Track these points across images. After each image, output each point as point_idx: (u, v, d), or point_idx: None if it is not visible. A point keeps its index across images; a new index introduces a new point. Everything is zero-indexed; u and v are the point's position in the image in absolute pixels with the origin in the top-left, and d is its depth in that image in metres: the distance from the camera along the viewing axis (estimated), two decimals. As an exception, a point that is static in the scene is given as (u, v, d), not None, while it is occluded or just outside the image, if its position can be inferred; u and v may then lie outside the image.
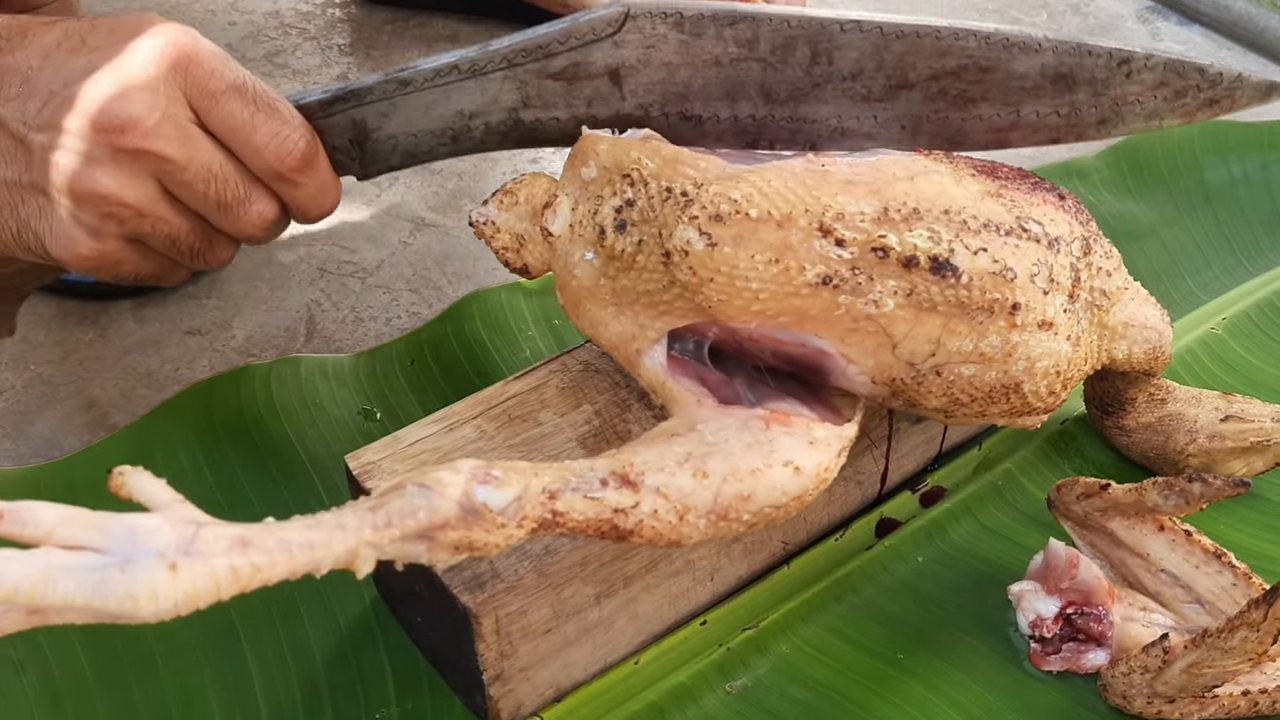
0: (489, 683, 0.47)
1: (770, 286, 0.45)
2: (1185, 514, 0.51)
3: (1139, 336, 0.54)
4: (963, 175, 0.48)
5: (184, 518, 0.35)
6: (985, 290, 0.46)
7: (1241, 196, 0.85)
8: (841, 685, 0.52)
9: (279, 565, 0.35)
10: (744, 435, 0.45)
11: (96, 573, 0.33)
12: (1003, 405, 0.50)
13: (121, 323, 0.72)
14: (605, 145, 0.48)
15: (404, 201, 0.83)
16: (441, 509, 0.38)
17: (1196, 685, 0.48)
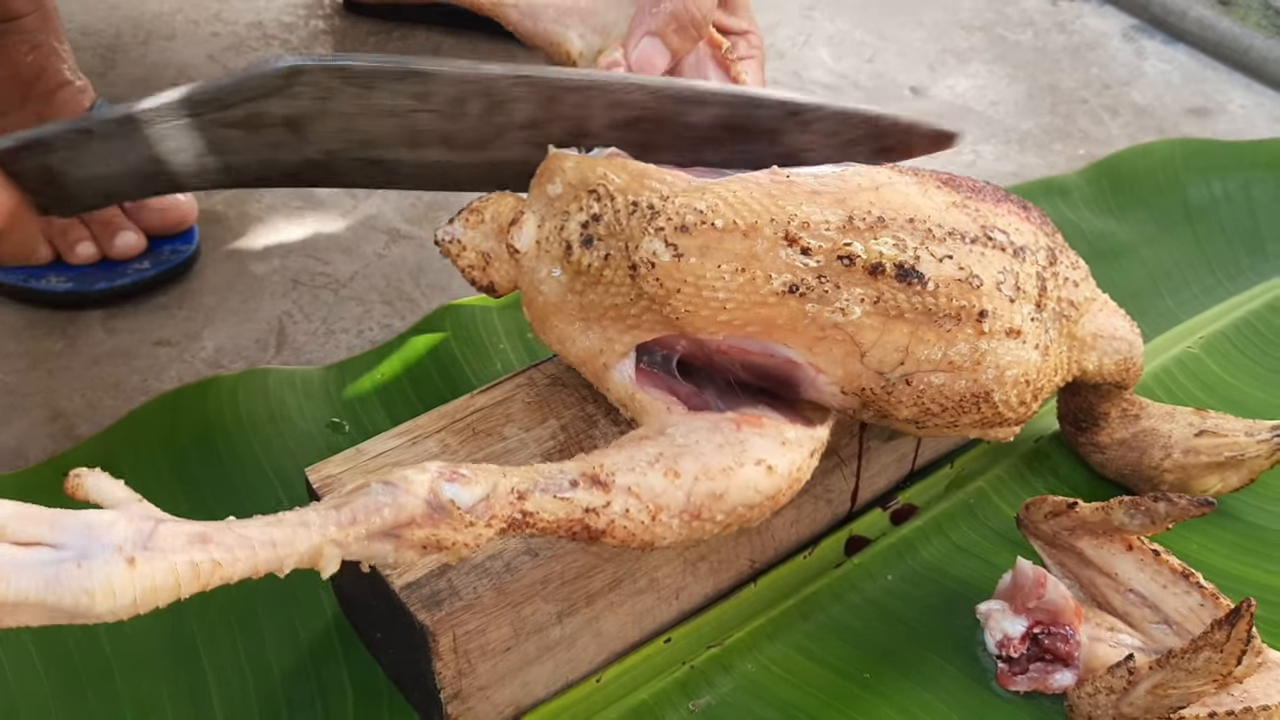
0: (446, 701, 0.46)
1: (737, 296, 0.45)
2: (1152, 533, 0.51)
3: (1109, 347, 0.54)
4: (928, 186, 0.48)
5: (142, 514, 0.34)
6: (952, 297, 0.46)
7: (1223, 216, 0.85)
8: (807, 704, 0.52)
9: (241, 562, 0.35)
10: (715, 436, 0.44)
11: (51, 568, 0.32)
12: (974, 415, 0.49)
13: (91, 333, 0.72)
14: (571, 163, 0.48)
15: (380, 213, 0.83)
16: (408, 506, 0.37)
17: (1162, 707, 0.48)
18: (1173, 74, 1.06)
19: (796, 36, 1.08)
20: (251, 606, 0.55)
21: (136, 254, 0.74)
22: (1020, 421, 0.51)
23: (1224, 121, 1.00)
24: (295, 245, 0.79)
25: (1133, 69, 1.07)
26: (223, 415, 0.63)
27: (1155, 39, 1.12)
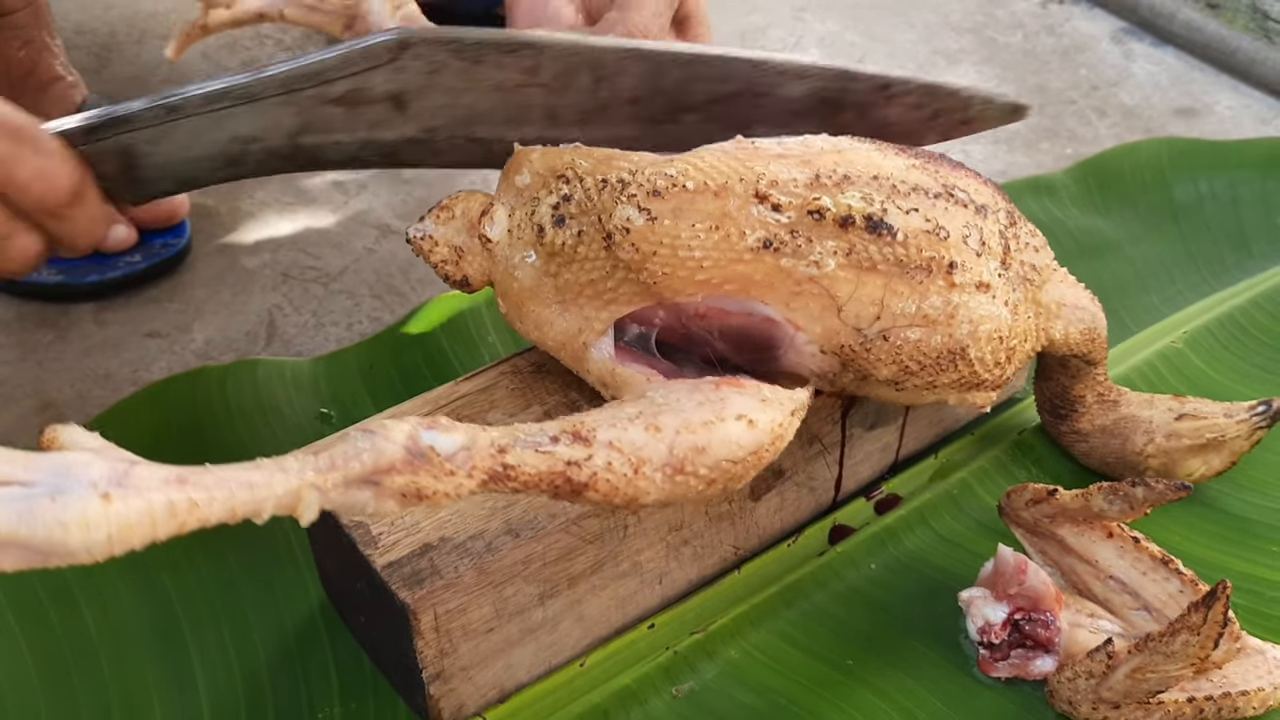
0: (429, 681, 0.47)
1: (713, 254, 0.46)
2: (1130, 519, 0.51)
3: (1073, 316, 0.56)
4: (888, 152, 0.50)
5: (118, 456, 0.34)
6: (921, 249, 0.47)
7: (1208, 214, 0.85)
8: (790, 690, 0.52)
9: (217, 503, 0.34)
10: (695, 395, 0.44)
11: (24, 502, 0.31)
12: (951, 374, 0.50)
13: (81, 325, 0.72)
14: (538, 154, 0.49)
15: (370, 208, 0.83)
16: (387, 451, 0.37)
17: (1141, 690, 0.48)
18: (1160, 75, 1.07)
19: (787, 38, 1.09)
20: (237, 593, 0.55)
21: (127, 247, 0.75)
22: (997, 385, 0.52)
23: (1211, 122, 1.01)
24: (285, 240, 0.80)
25: (1121, 70, 1.08)
26: (212, 405, 0.64)
27: (1144, 41, 1.13)
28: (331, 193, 0.84)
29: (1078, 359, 0.59)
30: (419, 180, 0.86)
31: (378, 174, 0.86)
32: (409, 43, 0.46)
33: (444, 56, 0.47)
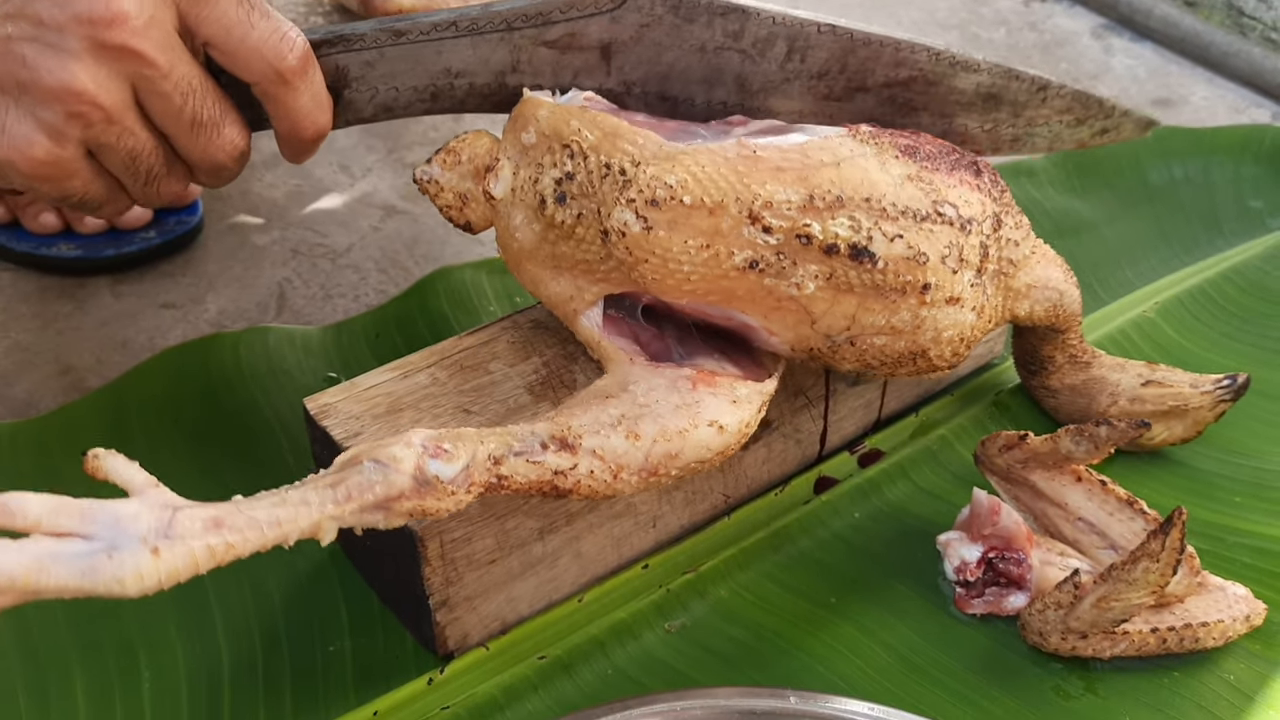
0: (435, 608, 0.50)
1: (701, 270, 0.48)
2: (1096, 460, 0.54)
3: (1040, 296, 0.58)
4: (887, 158, 0.50)
5: (161, 502, 0.38)
6: (900, 274, 0.49)
7: (1182, 196, 0.89)
8: (776, 626, 0.55)
9: (250, 541, 0.39)
10: (672, 397, 0.48)
11: (85, 559, 0.36)
12: (909, 367, 0.53)
13: (99, 297, 0.75)
14: (545, 111, 0.50)
15: (375, 190, 0.86)
16: (397, 483, 0.41)
17: (1106, 620, 0.51)
18: (1138, 69, 1.11)
19: (778, 33, 1.13)
20: (252, 539, 0.58)
21: (143, 224, 0.78)
22: (952, 367, 0.55)
23: (1187, 112, 1.04)
24: (294, 219, 0.83)
25: (1101, 64, 1.11)
26: (225, 369, 0.67)
27: (1123, 37, 1.16)
28: (338, 176, 0.88)
29: (1045, 328, 0.62)
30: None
31: (382, 158, 0.90)
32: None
33: (661, 10, 0.50)
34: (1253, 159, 0.91)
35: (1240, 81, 1.08)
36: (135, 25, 0.42)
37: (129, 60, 0.43)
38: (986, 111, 0.57)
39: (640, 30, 0.50)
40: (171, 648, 0.54)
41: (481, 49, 0.50)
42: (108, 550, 0.36)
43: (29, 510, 0.36)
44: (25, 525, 0.36)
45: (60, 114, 0.43)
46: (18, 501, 0.36)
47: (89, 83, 0.43)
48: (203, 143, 0.47)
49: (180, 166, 0.48)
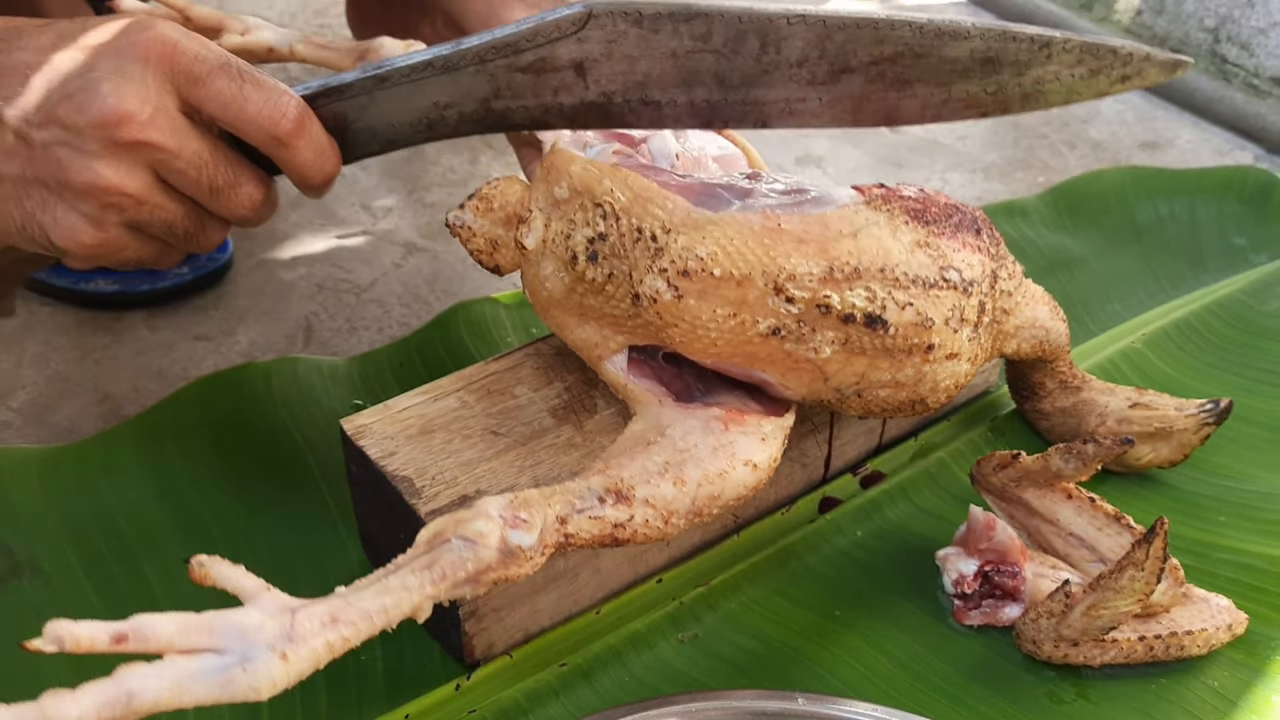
0: (465, 618, 0.53)
1: (727, 335, 0.52)
2: (1085, 476, 0.57)
3: (1027, 335, 0.62)
4: (898, 225, 0.53)
5: (278, 606, 0.41)
6: (908, 338, 0.53)
7: (1168, 233, 0.93)
8: (783, 636, 0.58)
9: (363, 632, 0.42)
10: (709, 439, 0.51)
11: (222, 673, 0.38)
12: (908, 411, 0.57)
13: (135, 330, 0.79)
14: (578, 167, 0.53)
15: (397, 229, 0.90)
16: (485, 558, 0.44)
17: (1095, 627, 0.54)
18: (1126, 113, 1.15)
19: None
20: (285, 556, 0.61)
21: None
22: (944, 406, 0.59)
23: (1172, 154, 1.09)
24: (319, 256, 0.87)
25: (1090, 109, 1.16)
26: (257, 395, 0.70)
27: (1111, 83, 1.21)
28: (360, 215, 0.92)
29: (1030, 360, 0.65)
30: (440, 205, 0.94)
31: (403, 198, 0.94)
32: (593, 14, 0.51)
33: (624, 26, 0.52)
34: (1236, 198, 0.95)
35: (1224, 126, 1.13)
36: (142, 120, 0.47)
37: (143, 150, 0.48)
38: (987, 75, 0.56)
39: (608, 46, 0.52)
40: (211, 657, 0.56)
41: (462, 82, 0.52)
42: (241, 663, 0.38)
43: (160, 632, 0.38)
44: (158, 647, 0.38)
45: (96, 206, 0.49)
46: (148, 626, 0.38)
47: (113, 176, 0.48)
48: (224, 202, 0.51)
49: (214, 221, 0.53)
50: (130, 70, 0.47)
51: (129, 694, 0.36)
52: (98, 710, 0.36)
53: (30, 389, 0.73)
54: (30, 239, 0.50)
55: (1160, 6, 1.23)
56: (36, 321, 0.79)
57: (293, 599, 0.41)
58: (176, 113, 0.49)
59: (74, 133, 0.47)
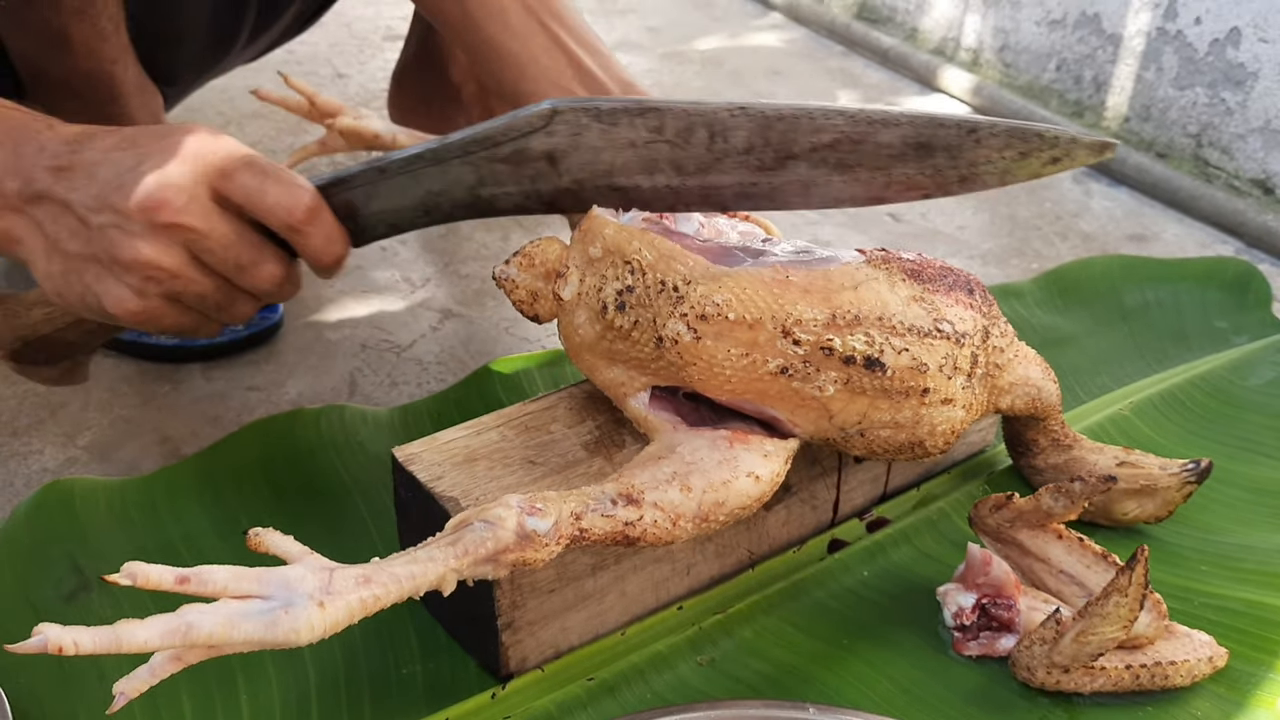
0: (502, 629, 0.57)
1: (740, 373, 0.58)
2: (1073, 514, 0.62)
3: (1021, 392, 0.67)
4: (895, 281, 0.59)
5: (319, 565, 0.47)
6: (905, 380, 0.58)
7: (1154, 316, 0.99)
8: (795, 662, 0.62)
9: (392, 593, 0.47)
10: (714, 454, 0.57)
11: (267, 615, 0.44)
12: (907, 454, 0.62)
13: (192, 380, 0.85)
14: (611, 230, 0.59)
15: (434, 296, 0.97)
16: (503, 538, 0.49)
17: (1085, 653, 0.58)
18: (1115, 209, 1.23)
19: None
20: (333, 580, 0.66)
21: (232, 319, 0.88)
22: (943, 453, 0.63)
23: (1159, 246, 1.16)
24: (362, 320, 0.93)
25: (1081, 204, 1.24)
26: (307, 438, 0.76)
27: (1101, 182, 1.29)
28: (400, 284, 0.98)
29: (1024, 417, 0.71)
30: (475, 276, 1.01)
31: (440, 269, 1.01)
32: (557, 110, 0.59)
33: (586, 120, 0.59)
34: (1218, 286, 1.02)
35: (1207, 221, 1.20)
36: (177, 205, 0.55)
37: (178, 231, 0.56)
38: (922, 159, 0.60)
39: (574, 138, 0.59)
40: (265, 670, 0.61)
41: (450, 173, 0.59)
42: (284, 607, 0.44)
43: (217, 578, 0.44)
44: (214, 592, 0.44)
45: (139, 278, 0.56)
46: (207, 572, 0.44)
47: (152, 253, 0.56)
48: (249, 279, 0.59)
49: (242, 295, 0.60)
50: (170, 166, 0.55)
51: (188, 625, 0.42)
52: (161, 636, 0.42)
53: (95, 429, 0.79)
54: (89, 307, 0.59)
55: (1146, 115, 1.32)
56: (102, 371, 0.85)
57: (332, 562, 0.47)
58: (208, 200, 0.56)
59: (122, 216, 0.55)
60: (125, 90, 0.91)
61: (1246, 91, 1.21)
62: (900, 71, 1.58)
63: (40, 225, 0.57)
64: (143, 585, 0.43)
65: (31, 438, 0.78)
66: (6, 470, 0.75)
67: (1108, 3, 1.34)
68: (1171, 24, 1.27)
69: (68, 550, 0.67)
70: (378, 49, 1.54)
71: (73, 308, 0.60)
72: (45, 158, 0.57)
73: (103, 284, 0.57)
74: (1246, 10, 1.19)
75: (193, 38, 0.96)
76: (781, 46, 1.67)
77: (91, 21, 0.85)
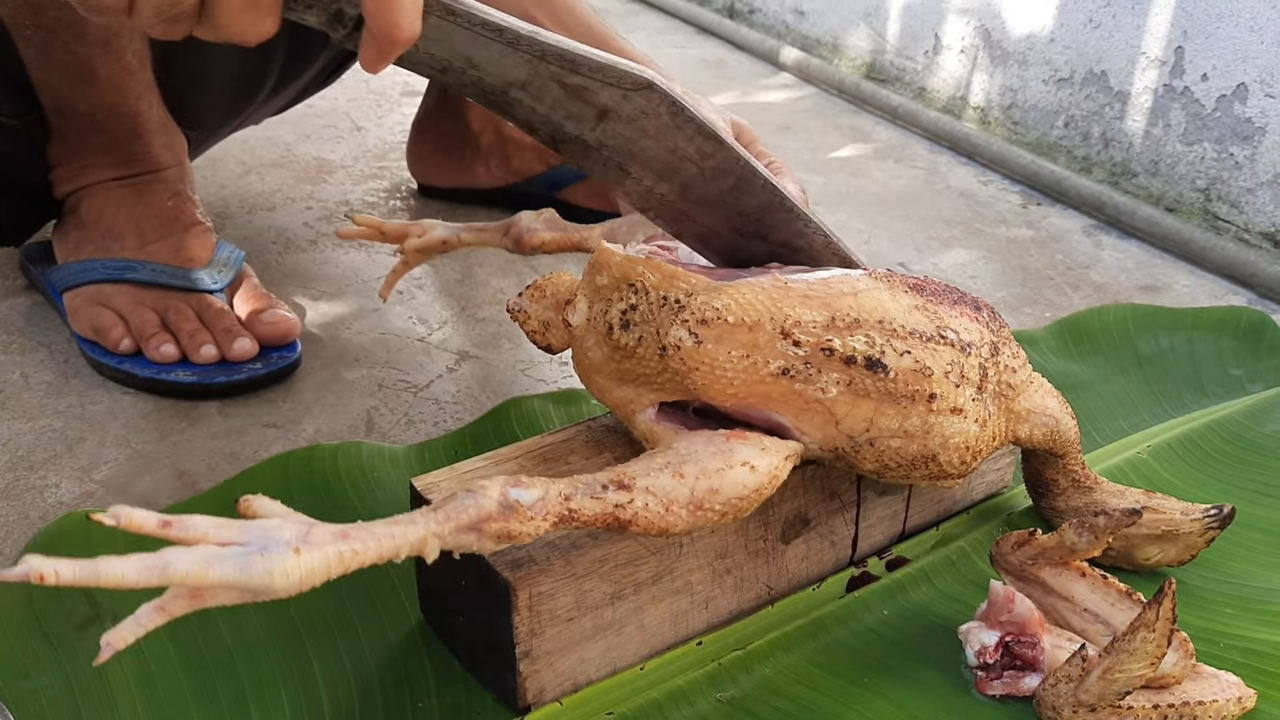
0: (520, 658, 0.57)
1: (742, 376, 0.58)
2: (1097, 550, 0.62)
3: (1039, 421, 0.67)
4: (897, 291, 0.60)
5: (300, 519, 0.47)
6: (909, 383, 0.59)
7: (1168, 363, 0.99)
8: (815, 699, 0.61)
9: (370, 551, 0.47)
10: (709, 446, 0.57)
11: (242, 558, 0.44)
12: (923, 471, 0.62)
13: (209, 417, 0.85)
14: (618, 259, 0.61)
15: (450, 338, 0.97)
16: (485, 506, 0.50)
17: (1112, 692, 0.57)
18: (1126, 260, 1.24)
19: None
20: (347, 612, 0.66)
21: (250, 357, 0.88)
22: (962, 475, 0.63)
23: (1170, 297, 1.16)
24: (380, 359, 0.94)
25: (1092, 256, 1.24)
26: (325, 472, 0.76)
27: (1111, 235, 1.30)
28: (417, 327, 0.99)
29: (1045, 452, 0.71)
30: (491, 320, 1.01)
31: (456, 313, 1.01)
32: (652, 86, 0.58)
33: (661, 110, 0.59)
34: (1231, 335, 1.02)
35: (1218, 273, 1.21)
36: None
37: None
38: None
39: (639, 114, 0.59)
40: (279, 699, 0.60)
41: (506, 58, 0.54)
42: (260, 550, 0.44)
43: (199, 525, 0.45)
44: (195, 538, 0.45)
45: None
46: (191, 519, 0.45)
47: None
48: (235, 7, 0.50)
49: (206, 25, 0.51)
50: None
51: (165, 563, 0.43)
52: (138, 572, 0.42)
53: (112, 464, 0.79)
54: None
55: (1155, 169, 1.33)
56: (119, 408, 0.85)
57: (314, 520, 0.47)
58: None
59: None
60: (149, 128, 0.93)
61: (1254, 146, 1.22)
62: (909, 128, 1.60)
63: None
64: (126, 527, 0.43)
65: (48, 472, 0.78)
66: (23, 504, 0.75)
67: (1114, 60, 1.36)
68: (1178, 80, 1.29)
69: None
70: (395, 103, 1.56)
71: None
72: None
73: None
74: (1253, 66, 1.20)
75: (219, 81, 0.98)
76: (792, 103, 1.70)
77: (116, 55, 0.87)
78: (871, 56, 1.74)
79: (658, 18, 2.13)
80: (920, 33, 1.64)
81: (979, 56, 1.55)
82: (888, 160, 1.50)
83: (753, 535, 0.64)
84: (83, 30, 0.85)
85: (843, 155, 1.51)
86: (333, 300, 1.03)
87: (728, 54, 1.93)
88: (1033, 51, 1.47)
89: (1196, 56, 1.26)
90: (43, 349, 0.93)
